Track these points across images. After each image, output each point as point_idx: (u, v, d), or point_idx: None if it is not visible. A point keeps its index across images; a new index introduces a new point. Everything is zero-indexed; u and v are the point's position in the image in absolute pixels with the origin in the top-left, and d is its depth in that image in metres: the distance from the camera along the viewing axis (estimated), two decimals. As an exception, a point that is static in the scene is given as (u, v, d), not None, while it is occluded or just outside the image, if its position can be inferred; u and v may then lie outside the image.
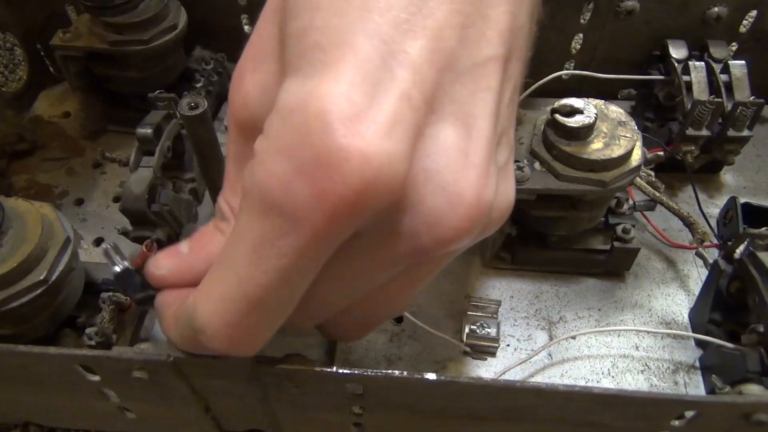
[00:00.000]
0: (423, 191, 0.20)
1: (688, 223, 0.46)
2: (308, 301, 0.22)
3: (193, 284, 0.24)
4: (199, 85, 0.57)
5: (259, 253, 0.20)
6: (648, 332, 0.45)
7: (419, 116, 0.19)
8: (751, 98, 0.48)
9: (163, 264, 0.26)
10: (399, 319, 0.46)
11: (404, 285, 0.24)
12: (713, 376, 0.39)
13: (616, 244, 0.45)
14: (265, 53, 0.24)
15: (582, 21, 0.55)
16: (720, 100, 0.48)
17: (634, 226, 0.45)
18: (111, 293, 0.40)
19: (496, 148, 0.21)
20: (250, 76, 0.24)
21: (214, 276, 0.22)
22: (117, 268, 0.29)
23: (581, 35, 0.56)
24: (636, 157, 0.39)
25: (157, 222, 0.46)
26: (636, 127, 0.40)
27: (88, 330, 0.39)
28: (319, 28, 0.19)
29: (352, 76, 0.18)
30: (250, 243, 0.20)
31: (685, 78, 0.49)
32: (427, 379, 0.24)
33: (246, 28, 0.59)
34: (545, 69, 0.52)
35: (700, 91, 0.48)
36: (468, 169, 0.20)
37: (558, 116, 0.39)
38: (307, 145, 0.18)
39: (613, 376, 0.43)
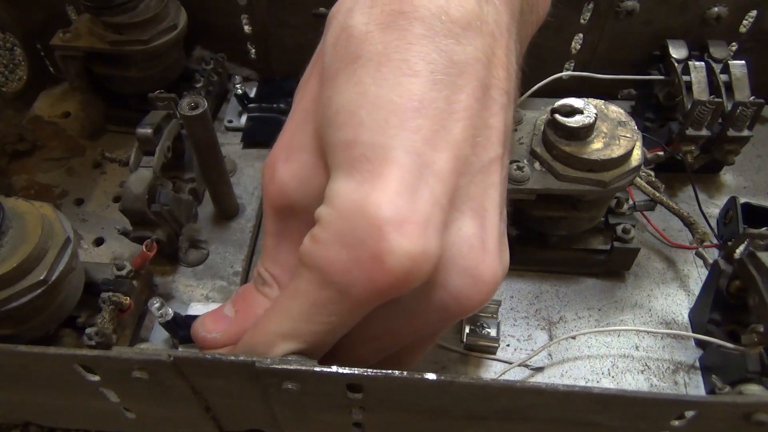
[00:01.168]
0: (450, 273, 0.24)
1: (688, 223, 0.46)
2: (346, 351, 0.28)
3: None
4: (199, 85, 0.57)
5: (313, 311, 0.25)
6: (648, 332, 0.45)
7: (446, 215, 0.24)
8: (751, 98, 0.48)
9: (213, 328, 0.31)
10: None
11: (427, 341, 0.30)
12: (713, 376, 0.39)
13: (616, 244, 0.45)
14: (298, 146, 0.28)
15: (582, 21, 0.55)
16: (720, 100, 0.48)
17: (634, 226, 0.45)
18: (111, 293, 0.40)
19: (501, 224, 0.26)
20: (283, 165, 0.28)
21: (272, 319, 0.27)
22: (163, 319, 0.40)
23: (581, 35, 0.56)
24: (636, 157, 0.39)
25: (157, 222, 0.46)
26: (636, 127, 0.40)
27: (87, 330, 0.39)
28: (364, 143, 0.24)
29: (396, 185, 0.23)
30: (307, 302, 0.25)
31: (685, 78, 0.49)
32: (427, 379, 0.24)
33: (246, 28, 0.59)
34: (545, 69, 0.52)
35: (700, 91, 0.48)
36: (485, 254, 0.25)
37: (558, 116, 0.39)
38: (364, 245, 0.23)
39: (613, 376, 0.43)
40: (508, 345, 0.45)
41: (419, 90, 0.24)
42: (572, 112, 0.39)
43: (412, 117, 0.24)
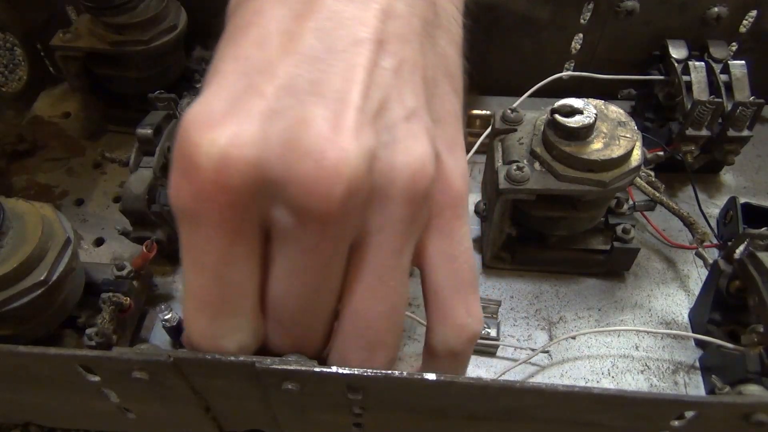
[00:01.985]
0: (298, 165, 0.21)
1: (688, 223, 0.46)
2: (276, 315, 0.25)
3: None
4: (199, 85, 0.57)
5: (191, 260, 0.23)
6: (648, 332, 0.45)
7: (272, 103, 0.22)
8: (751, 98, 0.48)
9: None
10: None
11: (363, 283, 0.24)
12: (713, 376, 0.39)
13: (616, 244, 0.45)
14: None
15: (582, 21, 0.55)
16: (720, 100, 0.48)
17: (634, 226, 0.45)
18: (111, 293, 0.40)
19: (378, 112, 0.23)
20: None
21: (185, 301, 0.25)
22: (168, 324, 0.42)
23: (581, 35, 0.56)
24: (636, 157, 0.39)
25: (157, 222, 0.46)
26: (636, 127, 0.40)
27: (88, 330, 0.39)
28: (209, 72, 0.24)
29: (216, 94, 0.22)
30: (184, 254, 0.23)
31: (685, 78, 0.49)
32: (427, 379, 0.24)
33: (246, 28, 0.59)
34: (545, 69, 0.52)
35: (700, 91, 0.48)
36: (337, 134, 0.21)
37: (558, 116, 0.39)
38: (180, 154, 0.22)
39: (613, 376, 0.43)
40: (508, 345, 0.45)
41: (265, 21, 0.23)
42: (572, 112, 0.39)
43: (251, 35, 0.23)
